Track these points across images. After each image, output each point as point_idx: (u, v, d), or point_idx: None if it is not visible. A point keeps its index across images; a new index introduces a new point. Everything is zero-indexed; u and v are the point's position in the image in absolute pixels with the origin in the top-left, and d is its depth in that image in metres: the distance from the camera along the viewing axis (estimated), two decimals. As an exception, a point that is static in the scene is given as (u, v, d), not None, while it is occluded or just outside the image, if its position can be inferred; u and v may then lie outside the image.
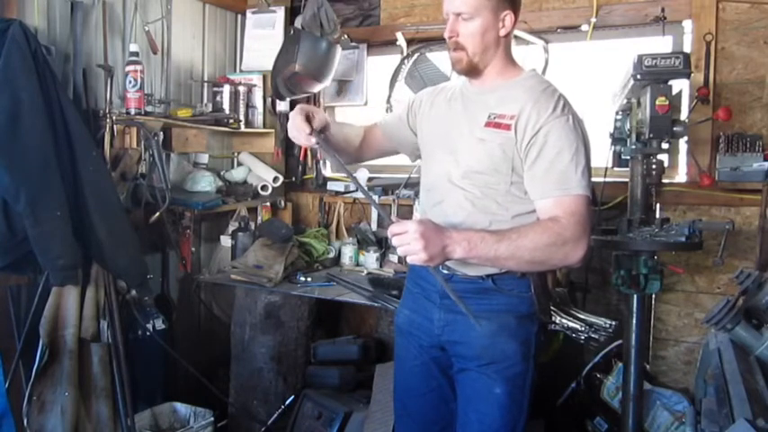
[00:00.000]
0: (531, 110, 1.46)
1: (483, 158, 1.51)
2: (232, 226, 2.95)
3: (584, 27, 2.61)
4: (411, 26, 2.91)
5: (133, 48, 2.44)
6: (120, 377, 2.21)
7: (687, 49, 2.43)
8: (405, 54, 2.91)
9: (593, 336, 2.00)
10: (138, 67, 2.40)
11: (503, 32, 1.52)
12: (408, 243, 1.33)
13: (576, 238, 1.39)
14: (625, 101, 2.20)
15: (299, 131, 1.57)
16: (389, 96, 2.94)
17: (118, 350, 2.23)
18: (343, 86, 3.11)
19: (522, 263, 1.43)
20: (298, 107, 1.60)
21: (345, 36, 2.97)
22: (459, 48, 1.52)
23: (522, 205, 1.50)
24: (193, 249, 2.87)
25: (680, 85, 2.18)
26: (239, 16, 3.20)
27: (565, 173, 1.42)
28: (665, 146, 2.08)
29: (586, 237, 1.42)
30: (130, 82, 2.39)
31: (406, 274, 1.85)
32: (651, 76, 1.96)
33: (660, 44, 2.47)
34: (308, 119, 1.58)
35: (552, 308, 1.88)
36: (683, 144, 2.48)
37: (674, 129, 1.99)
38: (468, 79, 1.63)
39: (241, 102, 2.95)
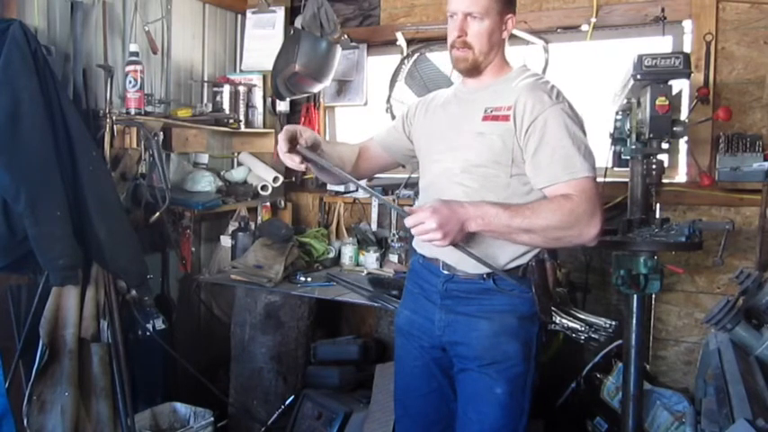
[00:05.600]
0: (526, 99, 1.48)
1: (483, 151, 1.52)
2: (232, 226, 2.95)
3: (585, 27, 2.60)
4: (411, 26, 2.91)
5: (133, 48, 2.44)
6: (120, 377, 2.21)
7: (687, 49, 2.43)
8: (405, 54, 2.91)
9: (593, 336, 2.00)
10: (138, 67, 2.40)
11: (505, 35, 1.58)
12: (427, 233, 1.37)
13: (589, 214, 1.41)
14: (625, 101, 2.20)
15: (280, 151, 1.52)
16: (389, 96, 2.94)
17: (118, 350, 2.23)
18: (343, 86, 3.11)
19: (537, 240, 1.46)
20: (284, 129, 1.53)
21: (345, 36, 2.97)
22: (467, 47, 1.53)
23: (522, 200, 1.51)
24: (193, 249, 2.87)
25: (680, 85, 2.18)
26: (239, 16, 3.21)
27: (569, 157, 1.44)
28: (665, 146, 2.08)
29: (599, 214, 1.43)
30: (130, 82, 2.39)
31: (405, 275, 1.85)
32: (651, 76, 1.96)
33: (660, 44, 2.47)
34: (293, 138, 1.52)
35: (552, 308, 1.88)
36: (683, 144, 2.48)
37: (674, 129, 2.00)
38: (463, 80, 1.66)
39: (241, 102, 2.96)
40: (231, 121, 2.79)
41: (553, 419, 2.36)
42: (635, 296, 2.07)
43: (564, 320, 2.02)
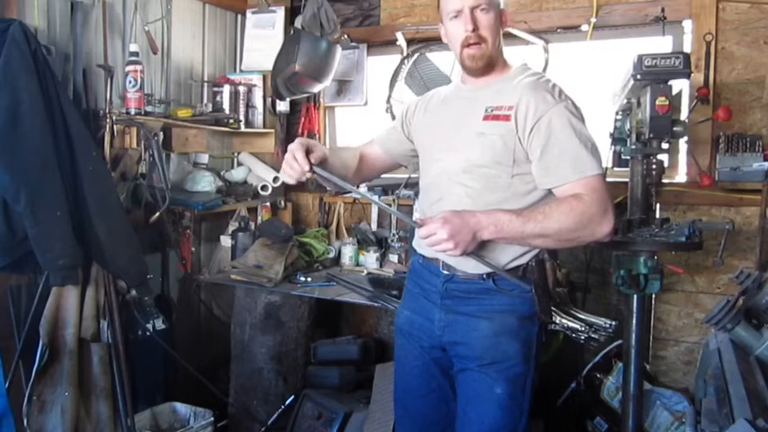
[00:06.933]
0: (529, 99, 1.48)
1: (484, 151, 1.51)
2: (232, 226, 2.95)
3: (585, 27, 2.61)
4: (411, 26, 2.91)
5: (133, 48, 2.44)
6: (120, 377, 2.21)
7: (687, 49, 2.43)
8: (405, 54, 2.91)
9: (593, 336, 1.99)
10: (138, 67, 2.40)
11: (503, 30, 1.58)
12: (439, 243, 1.39)
13: (602, 212, 1.41)
14: (625, 101, 2.20)
15: (294, 170, 1.48)
16: (389, 96, 2.94)
17: (118, 350, 2.23)
18: (343, 86, 3.11)
19: (550, 243, 1.47)
20: (297, 142, 1.50)
21: (345, 36, 2.97)
22: (482, 40, 1.52)
23: (524, 199, 1.51)
24: (193, 249, 2.87)
25: (680, 85, 2.18)
26: (239, 16, 3.21)
27: (577, 156, 1.44)
28: (665, 146, 2.08)
29: (611, 211, 1.43)
30: (130, 82, 2.39)
31: (406, 274, 1.85)
32: (651, 76, 1.95)
33: (660, 44, 2.47)
34: (308, 154, 1.49)
35: (552, 308, 1.88)
36: (683, 144, 2.48)
37: (674, 129, 1.99)
38: (462, 78, 1.65)
39: (241, 102, 2.96)
40: (231, 121, 2.79)
41: (553, 419, 2.35)
42: (635, 296, 2.07)
43: (564, 320, 2.02)
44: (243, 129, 2.93)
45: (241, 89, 2.96)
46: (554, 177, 1.46)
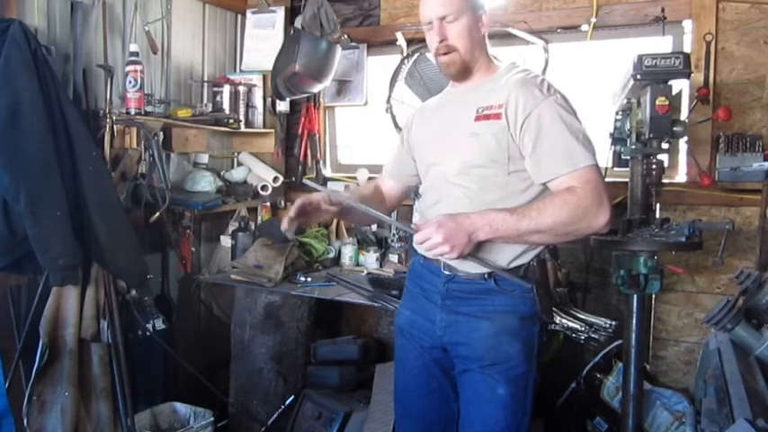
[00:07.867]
0: (518, 95, 1.48)
1: (478, 152, 1.52)
2: (232, 226, 2.95)
3: (585, 27, 2.61)
4: (411, 26, 2.91)
5: (133, 48, 2.44)
6: (120, 377, 2.21)
7: (687, 49, 2.43)
8: (405, 54, 2.90)
9: (593, 336, 1.99)
10: (138, 67, 2.40)
11: (483, 31, 1.59)
12: (435, 247, 1.39)
13: (596, 204, 1.41)
14: (625, 101, 2.20)
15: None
16: (389, 96, 2.94)
17: (118, 350, 2.23)
18: (343, 86, 3.11)
19: (547, 238, 1.47)
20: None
21: (345, 36, 2.97)
22: (452, 50, 1.54)
23: (521, 197, 1.51)
24: (193, 249, 2.87)
25: (680, 85, 2.18)
26: (239, 16, 3.21)
27: (569, 149, 1.43)
28: (665, 146, 2.08)
29: (606, 201, 1.43)
30: (130, 82, 2.39)
31: (406, 274, 1.85)
32: (651, 76, 1.95)
33: (660, 44, 2.47)
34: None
35: (553, 308, 1.89)
36: (683, 144, 2.48)
37: (674, 129, 1.99)
38: (452, 83, 1.68)
39: (241, 102, 2.96)
40: (231, 121, 2.79)
41: (553, 419, 2.35)
42: (635, 296, 2.06)
43: (564, 320, 2.02)
44: (243, 129, 2.93)
45: (241, 89, 2.96)
46: (547, 171, 1.46)
